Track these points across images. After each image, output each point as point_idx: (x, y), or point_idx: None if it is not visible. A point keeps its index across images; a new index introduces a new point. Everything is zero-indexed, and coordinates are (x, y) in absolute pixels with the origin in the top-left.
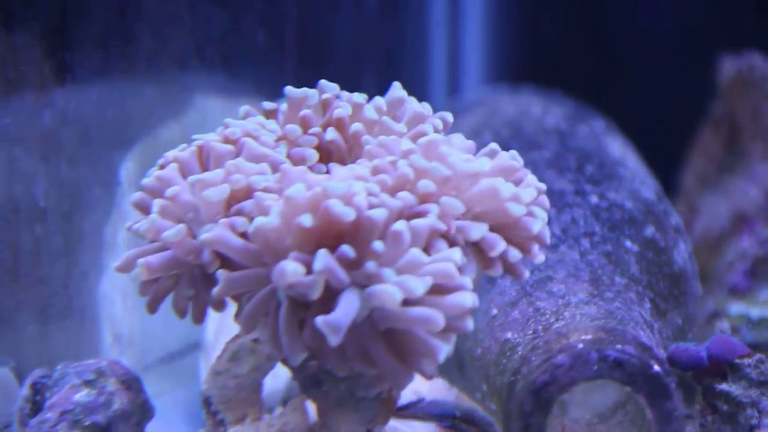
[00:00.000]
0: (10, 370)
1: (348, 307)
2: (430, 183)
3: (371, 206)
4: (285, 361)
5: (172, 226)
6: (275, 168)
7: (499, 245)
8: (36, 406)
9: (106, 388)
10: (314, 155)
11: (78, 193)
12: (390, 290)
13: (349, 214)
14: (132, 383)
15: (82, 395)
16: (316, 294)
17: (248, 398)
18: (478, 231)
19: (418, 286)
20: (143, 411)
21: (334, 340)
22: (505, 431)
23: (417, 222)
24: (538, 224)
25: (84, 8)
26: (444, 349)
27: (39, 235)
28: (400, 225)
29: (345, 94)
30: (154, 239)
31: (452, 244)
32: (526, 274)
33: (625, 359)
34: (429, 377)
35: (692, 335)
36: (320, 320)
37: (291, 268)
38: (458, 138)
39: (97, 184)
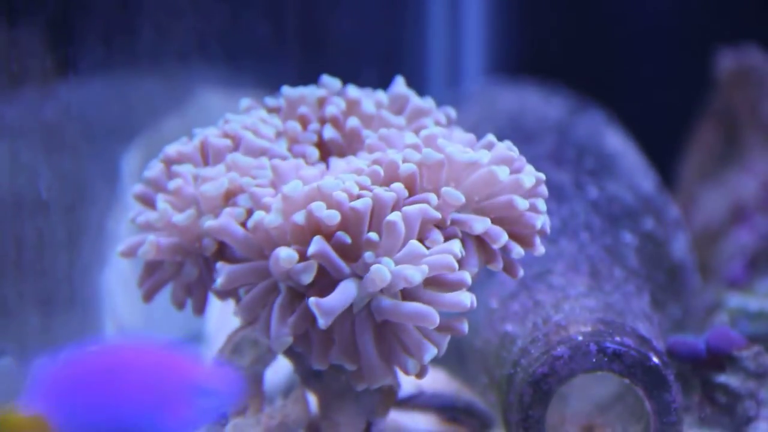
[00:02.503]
0: (13, 360)
1: (343, 294)
2: (412, 165)
3: (359, 198)
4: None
5: (179, 215)
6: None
7: (502, 237)
8: None
9: None
10: (315, 152)
11: (81, 185)
12: (378, 269)
13: (333, 218)
14: None
15: None
16: (307, 278)
17: (250, 390)
18: (482, 225)
19: (416, 274)
20: None
21: (322, 322)
22: (505, 423)
23: (408, 209)
24: (541, 218)
25: (87, 2)
26: (431, 351)
27: (42, 228)
28: (394, 216)
29: (348, 89)
30: (163, 226)
31: (451, 236)
32: (521, 272)
33: (623, 351)
34: (412, 375)
35: (691, 327)
36: (312, 300)
37: (285, 254)
38: (458, 132)
39: (99, 177)
